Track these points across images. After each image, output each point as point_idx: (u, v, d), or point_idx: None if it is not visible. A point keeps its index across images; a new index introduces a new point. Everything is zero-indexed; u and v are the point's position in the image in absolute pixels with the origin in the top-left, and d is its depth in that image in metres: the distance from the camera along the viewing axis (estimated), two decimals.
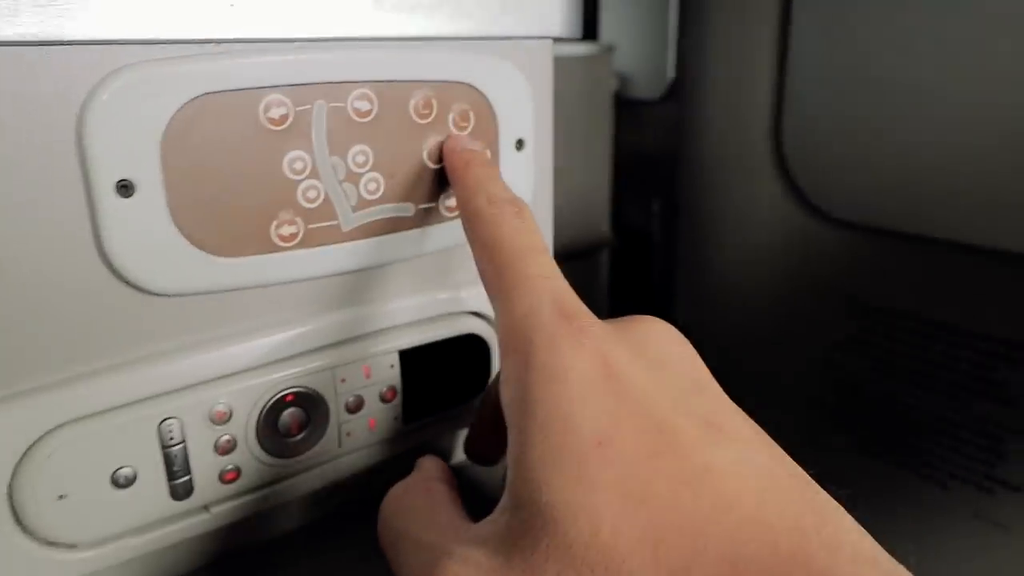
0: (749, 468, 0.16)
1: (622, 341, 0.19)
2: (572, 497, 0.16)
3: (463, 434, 0.32)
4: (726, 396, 0.19)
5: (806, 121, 0.52)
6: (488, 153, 0.27)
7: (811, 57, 0.51)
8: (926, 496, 0.52)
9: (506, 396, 0.19)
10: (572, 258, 1.01)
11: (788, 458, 0.18)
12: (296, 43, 0.24)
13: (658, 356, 0.19)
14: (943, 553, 0.51)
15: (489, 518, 0.18)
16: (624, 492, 0.16)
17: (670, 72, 1.04)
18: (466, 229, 0.23)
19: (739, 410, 0.19)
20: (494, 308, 0.21)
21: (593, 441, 0.16)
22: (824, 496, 0.17)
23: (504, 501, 0.18)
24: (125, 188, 0.22)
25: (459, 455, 0.33)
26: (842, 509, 0.16)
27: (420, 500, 0.22)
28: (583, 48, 0.96)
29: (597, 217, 1.05)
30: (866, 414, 0.54)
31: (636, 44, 1.08)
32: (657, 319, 0.21)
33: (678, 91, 0.71)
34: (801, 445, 0.60)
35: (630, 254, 1.16)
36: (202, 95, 0.22)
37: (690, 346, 0.20)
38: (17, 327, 0.21)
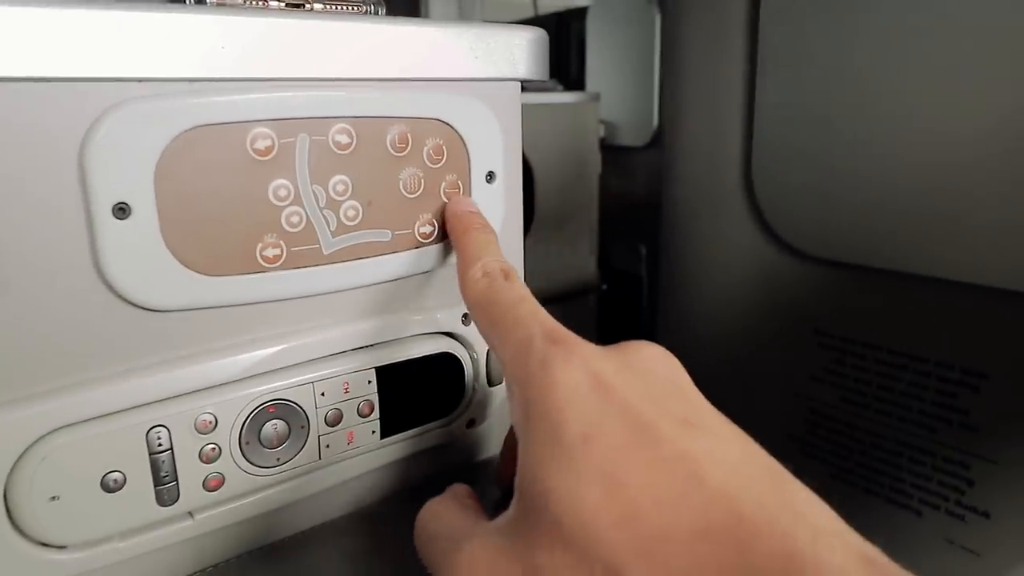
0: (721, 455, 0.18)
1: (609, 357, 0.21)
2: (561, 484, 0.18)
3: (438, 449, 0.34)
4: (707, 403, 0.21)
5: (775, 164, 0.55)
6: (486, 219, 0.31)
7: (777, 104, 0.54)
8: (900, 524, 0.53)
9: (514, 418, 0.22)
10: (561, 300, 1.04)
11: (764, 454, 0.19)
12: (281, 82, 0.26)
13: (643, 368, 0.21)
14: None
15: (503, 513, 0.21)
16: (605, 478, 0.18)
17: (655, 120, 1.08)
18: (462, 291, 0.27)
19: (719, 414, 0.21)
20: (496, 356, 0.24)
21: (580, 437, 0.19)
22: (796, 484, 0.18)
23: (514, 497, 0.20)
24: (122, 211, 0.24)
25: (435, 470, 0.34)
26: (814, 496, 0.18)
27: (451, 508, 0.25)
28: (570, 97, 0.99)
29: (585, 260, 1.07)
30: (838, 444, 0.56)
31: (623, 93, 1.12)
32: (647, 342, 0.23)
33: (663, 138, 0.74)
34: None
35: (619, 296, 1.18)
36: (194, 127, 0.24)
37: (676, 362, 0.22)
38: (18, 337, 0.23)
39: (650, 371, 0.21)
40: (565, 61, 1.25)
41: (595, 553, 0.17)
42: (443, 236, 0.31)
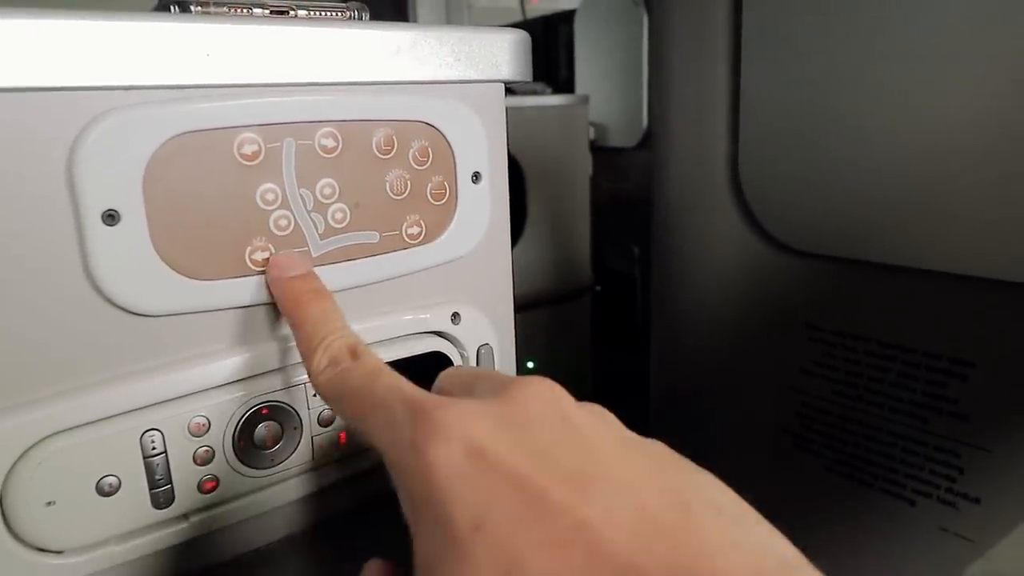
0: (621, 512, 0.17)
1: (484, 416, 0.19)
2: None
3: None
4: (600, 435, 0.19)
5: (762, 161, 0.55)
6: (315, 279, 0.28)
7: (763, 102, 0.55)
8: (894, 514, 0.53)
9: (404, 507, 0.20)
10: (555, 302, 1.04)
11: (673, 482, 0.18)
12: (266, 87, 0.26)
13: (525, 420, 0.19)
14: (914, 569, 0.52)
15: None
16: (503, 569, 0.16)
17: (644, 121, 1.09)
18: (312, 383, 0.24)
19: (613, 445, 0.19)
20: (372, 444, 0.22)
21: (469, 527, 0.17)
22: (708, 518, 0.17)
23: None
24: (111, 217, 0.24)
25: None
26: (732, 524, 0.17)
27: None
28: (559, 99, 1.00)
29: (578, 262, 1.08)
30: (831, 436, 0.56)
31: (612, 95, 1.13)
32: (530, 380, 0.21)
33: (652, 139, 0.75)
34: (771, 469, 0.63)
35: (613, 297, 1.19)
36: (181, 134, 0.25)
37: (560, 396, 0.21)
38: (11, 344, 0.23)
39: (534, 420, 0.19)
40: (554, 64, 1.26)
41: None
42: (431, 236, 0.32)
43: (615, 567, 0.16)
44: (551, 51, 1.26)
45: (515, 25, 1.38)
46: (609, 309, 1.18)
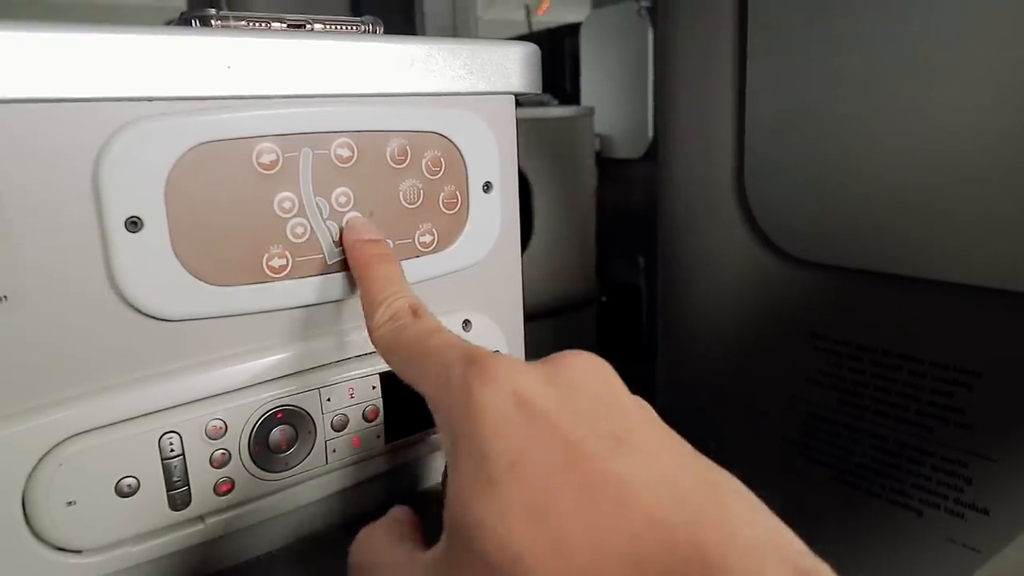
0: (652, 473, 0.17)
1: (533, 373, 0.20)
2: (487, 517, 0.17)
3: (442, 454, 0.34)
4: (641, 414, 0.20)
5: (767, 172, 0.56)
6: (386, 244, 0.29)
7: (767, 113, 0.55)
8: (902, 524, 0.53)
9: (444, 447, 0.21)
10: (560, 313, 1.04)
11: (699, 464, 0.19)
12: (284, 99, 0.27)
13: (570, 382, 0.20)
14: None
15: (434, 546, 0.20)
16: (532, 507, 0.17)
17: (650, 132, 1.09)
18: (370, 337, 0.25)
19: (652, 424, 0.20)
20: (418, 389, 0.23)
21: (505, 465, 0.18)
22: (732, 494, 0.17)
23: (444, 530, 0.20)
24: (134, 224, 0.25)
25: (438, 475, 0.35)
26: (752, 504, 0.17)
27: (383, 537, 0.24)
28: (565, 111, 1.01)
29: (583, 273, 1.08)
30: (837, 446, 0.56)
31: (617, 107, 1.14)
32: (579, 351, 0.22)
33: (657, 150, 0.75)
34: (778, 479, 0.63)
35: (618, 307, 1.19)
36: (202, 144, 0.25)
37: (607, 369, 0.21)
38: (36, 347, 0.24)
39: (578, 385, 0.20)
40: (560, 76, 1.27)
41: None
42: (443, 245, 0.32)
43: (642, 518, 0.16)
44: (557, 63, 1.27)
45: (521, 38, 1.39)
46: (614, 319, 1.19)
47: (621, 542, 0.16)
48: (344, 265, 0.29)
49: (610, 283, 1.19)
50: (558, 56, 1.27)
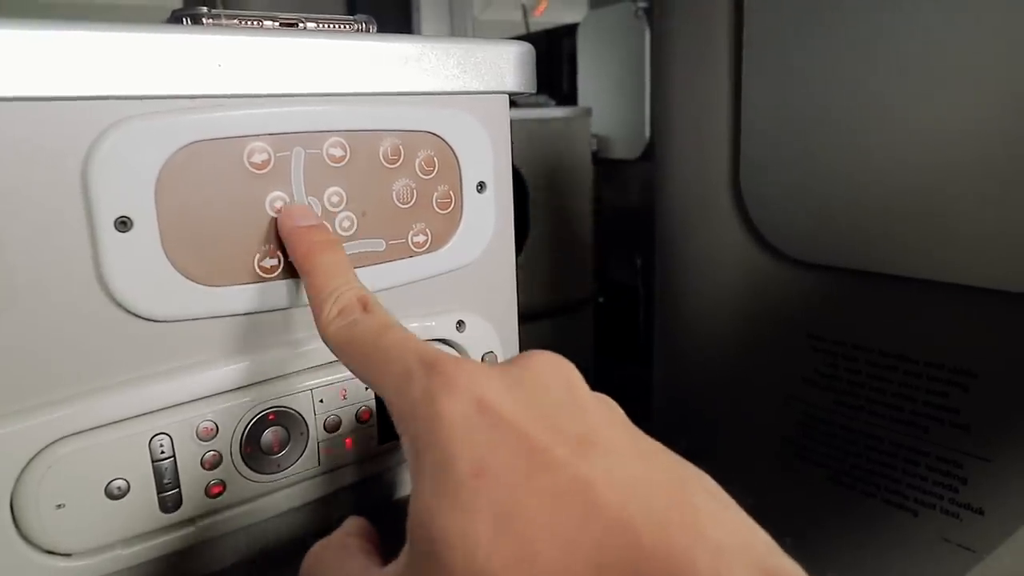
0: (618, 475, 0.17)
1: (496, 377, 0.20)
2: (452, 526, 0.17)
3: None
4: (607, 414, 0.20)
5: (763, 172, 0.56)
6: (328, 230, 0.28)
7: (763, 113, 0.55)
8: (897, 524, 0.53)
9: (407, 455, 0.20)
10: (558, 314, 1.04)
11: (668, 463, 0.18)
12: (276, 98, 0.27)
13: (534, 384, 0.20)
14: None
15: (394, 561, 0.20)
16: (498, 515, 0.17)
17: (647, 133, 1.09)
18: (320, 333, 0.24)
19: (617, 424, 0.20)
20: (376, 391, 0.22)
21: (470, 472, 0.17)
22: (701, 494, 0.17)
23: (405, 544, 0.19)
24: (124, 224, 0.24)
25: None
26: (721, 503, 0.17)
27: (335, 554, 0.23)
28: (562, 111, 1.01)
29: (581, 273, 1.08)
30: (833, 446, 0.56)
31: (614, 107, 1.14)
32: (541, 352, 0.21)
33: (654, 151, 0.75)
34: (775, 480, 0.63)
35: (616, 308, 1.19)
36: (192, 143, 0.25)
37: (571, 369, 0.21)
38: (25, 348, 0.24)
39: (542, 386, 0.20)
40: (557, 77, 1.27)
41: None
42: (436, 245, 0.32)
43: (608, 523, 0.16)
44: (554, 64, 1.27)
45: (519, 38, 1.39)
46: (611, 320, 1.19)
47: (588, 548, 0.16)
48: None
49: (607, 284, 1.19)
50: (555, 56, 1.27)
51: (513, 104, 0.34)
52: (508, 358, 0.21)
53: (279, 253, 0.28)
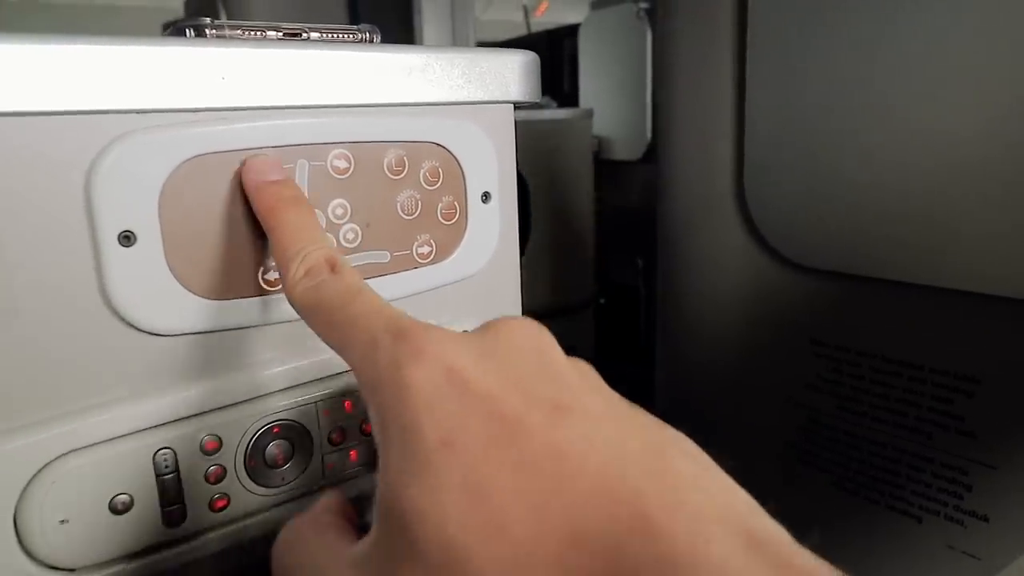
0: (595, 442, 0.17)
1: (466, 344, 0.19)
2: (420, 499, 0.16)
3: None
4: (580, 379, 0.19)
5: (766, 175, 0.56)
6: (295, 186, 0.27)
7: (767, 116, 0.55)
8: (901, 531, 0.53)
9: (373, 427, 0.19)
10: (559, 315, 1.04)
11: (645, 426, 0.18)
12: (280, 110, 0.27)
13: (506, 350, 0.19)
14: None
15: (364, 537, 0.19)
16: (468, 487, 0.16)
17: (648, 134, 1.09)
18: (285, 292, 0.23)
19: (593, 389, 0.19)
20: (342, 357, 0.21)
21: (439, 442, 0.17)
22: (681, 460, 0.17)
23: (374, 520, 0.18)
24: (127, 238, 0.24)
25: None
26: (700, 466, 0.17)
27: (307, 534, 0.22)
28: (563, 113, 1.01)
29: (582, 275, 1.08)
30: (838, 452, 0.56)
31: (616, 108, 1.14)
32: (515, 317, 0.21)
33: (656, 152, 0.75)
34: (778, 486, 0.62)
35: (617, 309, 1.19)
36: (196, 156, 0.25)
37: (545, 334, 0.20)
38: (28, 363, 0.24)
39: (514, 352, 0.19)
40: (558, 78, 1.26)
41: (460, 574, 0.15)
42: (441, 256, 0.32)
43: (583, 491, 0.16)
44: (555, 65, 1.27)
45: (520, 39, 1.39)
46: (613, 322, 1.18)
47: (562, 517, 0.15)
48: None
49: (608, 285, 1.19)
50: (556, 57, 1.26)
51: (515, 109, 0.34)
52: (479, 325, 0.20)
53: None
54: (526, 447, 0.16)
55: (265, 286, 0.27)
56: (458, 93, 0.31)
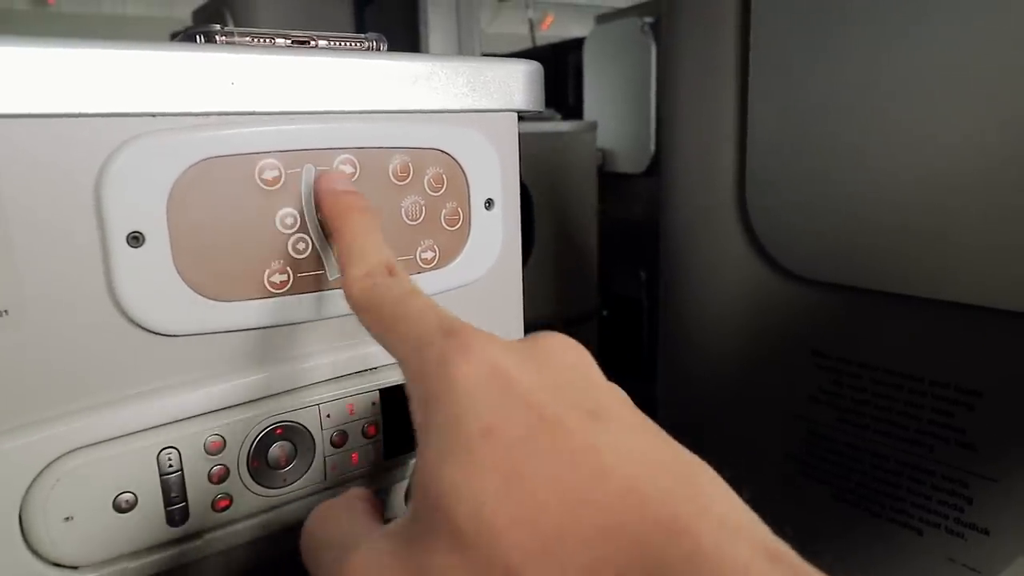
0: (629, 447, 0.17)
1: (511, 349, 0.20)
2: (459, 483, 0.17)
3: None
4: (617, 395, 0.20)
5: (769, 189, 0.56)
6: (365, 198, 0.28)
7: (770, 130, 0.55)
8: (902, 543, 0.53)
9: (415, 420, 0.20)
10: (562, 326, 1.04)
11: (674, 446, 0.19)
12: (288, 115, 0.27)
13: (547, 360, 0.20)
14: None
15: (399, 518, 0.20)
16: (505, 473, 0.17)
17: (652, 147, 1.10)
18: (344, 290, 0.24)
19: (627, 405, 0.20)
20: (393, 357, 0.22)
21: (479, 431, 0.18)
22: (706, 476, 0.18)
23: (410, 501, 0.19)
24: (135, 239, 0.25)
25: None
26: (724, 488, 0.18)
27: (342, 513, 0.23)
28: (568, 125, 1.01)
29: (585, 286, 1.08)
30: (838, 464, 0.56)
31: (620, 121, 1.14)
32: (555, 333, 0.22)
33: (660, 165, 0.76)
34: (780, 498, 0.63)
35: (620, 321, 1.19)
36: (204, 159, 0.25)
37: (585, 353, 0.21)
38: (35, 361, 0.24)
39: (556, 362, 0.20)
40: (563, 91, 1.27)
41: (492, 554, 0.16)
42: (444, 261, 0.32)
43: (616, 488, 0.16)
44: (560, 78, 1.28)
45: (525, 52, 1.40)
46: (615, 333, 1.19)
47: (594, 511, 0.16)
48: None
49: (611, 297, 1.19)
50: (561, 70, 1.27)
51: (520, 118, 0.34)
52: (523, 337, 0.21)
53: (289, 269, 0.28)
54: (564, 444, 0.17)
55: (270, 288, 0.28)
56: (463, 101, 0.31)
